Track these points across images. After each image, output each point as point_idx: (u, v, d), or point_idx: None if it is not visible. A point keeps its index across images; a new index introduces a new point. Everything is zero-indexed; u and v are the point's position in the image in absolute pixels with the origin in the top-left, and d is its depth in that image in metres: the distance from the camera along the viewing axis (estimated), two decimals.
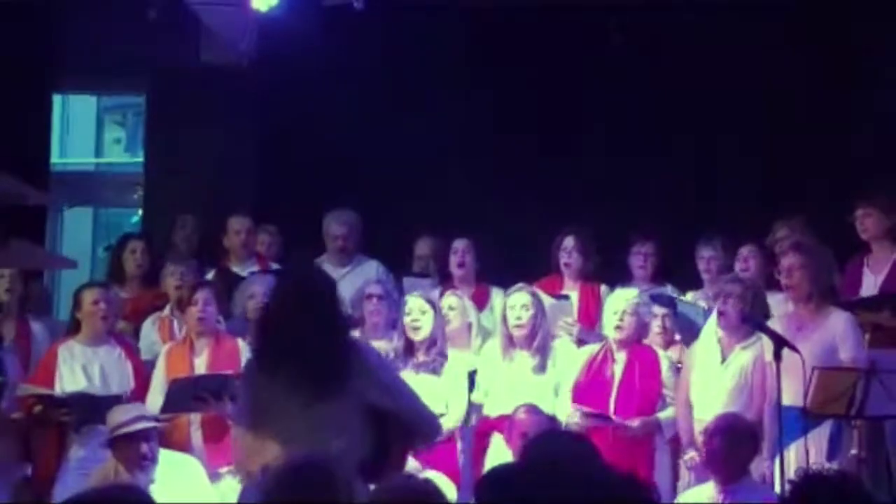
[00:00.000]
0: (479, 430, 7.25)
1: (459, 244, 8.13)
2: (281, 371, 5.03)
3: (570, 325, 7.66)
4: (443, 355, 7.17)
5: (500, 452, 6.94)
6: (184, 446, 7.03)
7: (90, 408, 6.97)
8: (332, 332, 5.14)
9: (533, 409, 6.84)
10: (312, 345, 5.01)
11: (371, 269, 8.25)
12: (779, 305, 7.20)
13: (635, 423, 6.89)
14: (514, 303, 7.26)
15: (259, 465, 4.94)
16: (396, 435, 5.10)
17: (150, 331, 7.80)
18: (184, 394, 7.02)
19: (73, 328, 7.35)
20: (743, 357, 6.88)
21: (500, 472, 4.10)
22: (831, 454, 6.49)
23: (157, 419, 6.82)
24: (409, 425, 5.16)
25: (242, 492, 6.29)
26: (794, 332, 6.57)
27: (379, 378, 5.17)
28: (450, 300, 7.62)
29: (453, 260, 8.12)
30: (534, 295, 7.33)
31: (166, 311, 7.85)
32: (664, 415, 7.00)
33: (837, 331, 6.65)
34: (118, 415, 6.61)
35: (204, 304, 7.30)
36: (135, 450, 6.49)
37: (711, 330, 7.06)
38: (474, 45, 9.70)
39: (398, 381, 5.42)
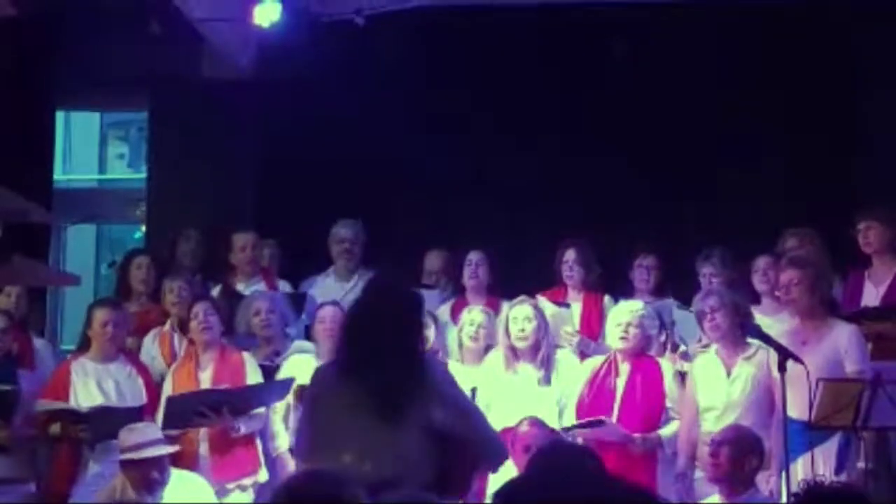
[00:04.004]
0: None
1: (474, 256, 8.15)
2: (360, 388, 4.92)
3: (571, 335, 7.66)
4: None
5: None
6: (191, 461, 7.03)
7: (109, 422, 6.97)
8: (415, 350, 5.07)
9: (536, 422, 6.80)
10: (396, 364, 4.92)
11: None
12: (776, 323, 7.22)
13: (636, 438, 6.86)
14: (517, 315, 7.25)
15: None
16: (461, 458, 5.02)
17: (150, 346, 7.80)
18: (183, 410, 7.02)
19: (85, 345, 7.37)
20: (748, 368, 6.86)
21: (516, 484, 4.09)
22: (839, 467, 6.46)
23: (169, 438, 6.82)
24: (475, 449, 5.07)
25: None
26: (800, 346, 6.55)
27: (449, 401, 5.07)
28: (480, 317, 7.51)
29: (467, 271, 8.14)
30: (536, 307, 7.32)
31: (167, 326, 7.85)
32: (667, 431, 6.96)
33: (842, 343, 6.64)
34: (131, 436, 6.60)
35: (205, 315, 7.31)
36: (144, 474, 6.50)
37: (711, 350, 7.06)
38: (478, 58, 9.69)
39: (467, 404, 5.31)
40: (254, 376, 7.24)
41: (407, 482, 4.61)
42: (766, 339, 6.48)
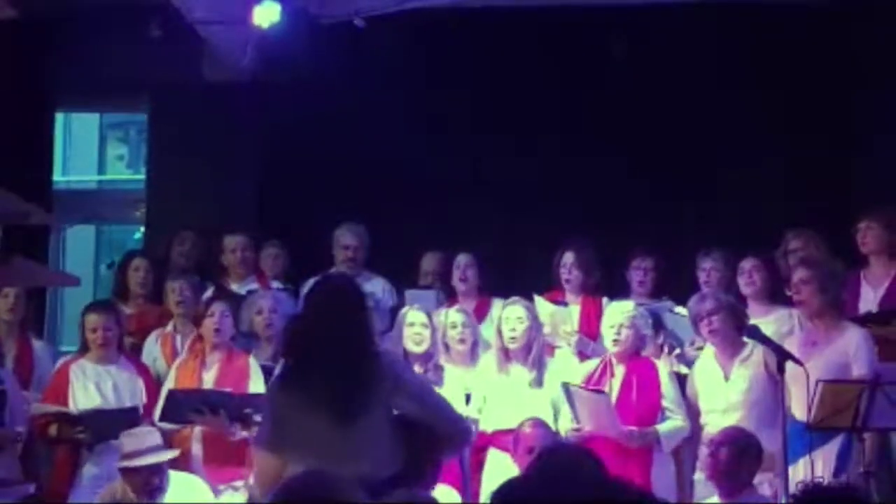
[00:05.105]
0: (475, 444, 7.08)
1: (462, 259, 8.13)
2: (310, 389, 4.88)
3: (570, 334, 7.63)
4: (439, 367, 7.16)
5: (496, 468, 6.89)
6: (184, 461, 7.02)
7: (105, 424, 6.98)
8: (362, 347, 5.01)
9: (539, 423, 6.78)
10: (343, 362, 4.89)
11: (377, 286, 8.23)
12: (782, 321, 7.20)
13: (632, 431, 6.81)
14: (509, 315, 7.22)
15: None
16: (427, 445, 4.99)
17: (152, 347, 7.81)
18: (182, 405, 7.02)
19: (83, 347, 7.38)
20: (745, 370, 6.85)
21: (514, 484, 4.08)
22: (839, 469, 6.42)
23: (166, 439, 6.81)
24: (439, 432, 5.05)
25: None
26: (810, 348, 6.55)
27: (407, 387, 5.05)
28: (459, 317, 7.49)
29: (456, 274, 8.11)
30: (528, 308, 7.29)
31: (169, 326, 7.86)
32: (664, 427, 6.92)
33: (851, 346, 6.60)
34: (130, 442, 6.59)
35: (221, 316, 7.34)
36: (143, 480, 6.49)
37: (708, 353, 7.05)
38: (477, 59, 9.69)
39: (426, 387, 5.29)
40: (257, 383, 7.21)
41: (372, 479, 4.58)
42: (765, 341, 6.48)
